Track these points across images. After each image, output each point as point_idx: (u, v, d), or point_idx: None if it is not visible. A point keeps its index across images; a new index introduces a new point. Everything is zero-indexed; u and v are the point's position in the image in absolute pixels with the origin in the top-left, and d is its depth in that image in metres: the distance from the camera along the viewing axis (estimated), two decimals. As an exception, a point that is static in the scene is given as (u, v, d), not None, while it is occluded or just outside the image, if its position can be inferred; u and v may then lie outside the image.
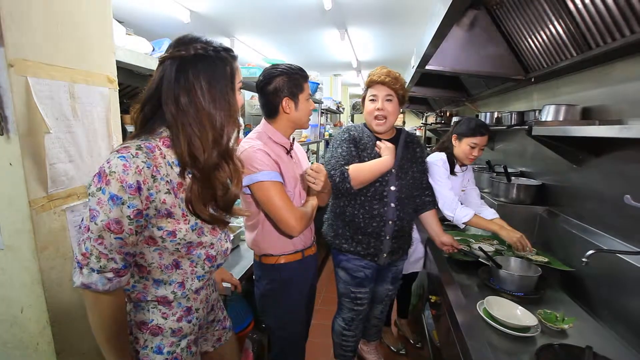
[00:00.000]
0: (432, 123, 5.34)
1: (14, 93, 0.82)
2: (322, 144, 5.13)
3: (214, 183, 0.84)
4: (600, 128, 1.13)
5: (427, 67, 2.11)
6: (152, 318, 0.87)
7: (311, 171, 1.25)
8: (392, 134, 1.66)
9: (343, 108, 6.27)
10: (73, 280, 0.75)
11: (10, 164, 0.84)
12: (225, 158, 0.86)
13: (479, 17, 1.99)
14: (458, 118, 2.96)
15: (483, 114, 2.57)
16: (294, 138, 1.40)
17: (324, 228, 1.76)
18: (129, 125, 1.37)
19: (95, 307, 0.78)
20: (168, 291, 0.87)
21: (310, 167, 1.27)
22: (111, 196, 0.71)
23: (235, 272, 1.52)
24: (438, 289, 1.54)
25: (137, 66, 1.32)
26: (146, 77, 1.04)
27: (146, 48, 1.44)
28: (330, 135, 5.01)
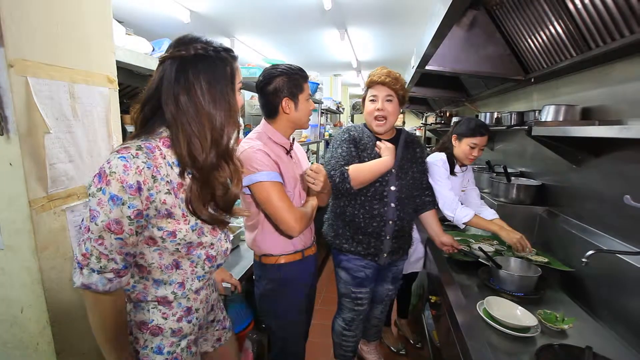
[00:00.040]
0: (432, 123, 5.33)
1: (14, 93, 0.82)
2: (322, 144, 5.13)
3: (214, 183, 0.84)
4: (600, 128, 1.13)
5: (427, 67, 2.12)
6: (152, 318, 0.87)
7: (310, 172, 1.26)
8: (392, 134, 1.66)
9: (343, 108, 6.27)
10: (73, 280, 0.76)
11: (10, 164, 0.84)
12: (225, 158, 0.86)
13: (479, 18, 1.99)
14: (458, 118, 2.96)
15: (483, 114, 2.57)
16: (294, 138, 1.40)
17: (324, 228, 1.76)
18: (129, 125, 1.37)
19: (95, 308, 0.78)
20: (168, 291, 0.87)
21: (309, 168, 1.27)
22: (111, 196, 0.71)
23: (235, 272, 1.52)
24: (438, 289, 1.54)
25: (137, 66, 1.32)
26: (146, 77, 1.04)
27: (146, 48, 1.44)
28: (330, 135, 5.00)
